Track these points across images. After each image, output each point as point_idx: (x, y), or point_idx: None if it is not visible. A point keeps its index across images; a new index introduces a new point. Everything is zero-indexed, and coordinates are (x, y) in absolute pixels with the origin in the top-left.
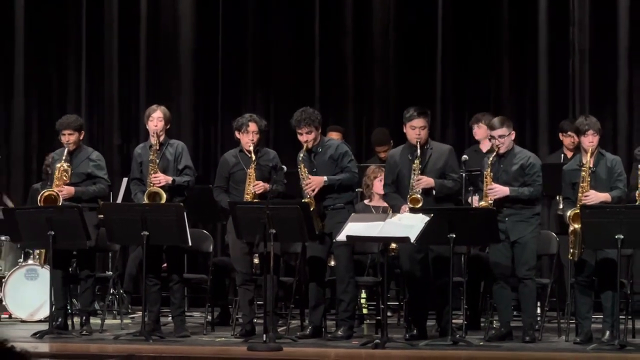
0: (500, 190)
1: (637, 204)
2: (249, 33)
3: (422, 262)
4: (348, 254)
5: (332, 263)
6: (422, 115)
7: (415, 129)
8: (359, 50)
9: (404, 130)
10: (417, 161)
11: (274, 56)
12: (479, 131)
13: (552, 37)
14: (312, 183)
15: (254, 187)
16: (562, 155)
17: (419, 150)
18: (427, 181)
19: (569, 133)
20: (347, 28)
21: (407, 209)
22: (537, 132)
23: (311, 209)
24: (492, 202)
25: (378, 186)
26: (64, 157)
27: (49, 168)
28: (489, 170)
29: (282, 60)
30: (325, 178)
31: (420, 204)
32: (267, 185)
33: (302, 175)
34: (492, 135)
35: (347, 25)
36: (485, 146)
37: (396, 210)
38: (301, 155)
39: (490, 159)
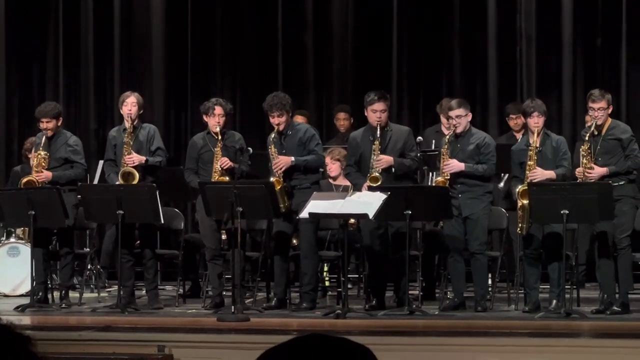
0: (456, 165)
1: (579, 181)
2: (216, 25)
3: (381, 237)
4: (312, 230)
5: (295, 242)
6: (383, 99)
7: (376, 112)
8: (318, 39)
9: (365, 114)
10: (377, 142)
11: (241, 46)
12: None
13: (500, 25)
14: (280, 162)
15: (220, 162)
16: (512, 137)
17: (379, 132)
18: (387, 160)
19: (513, 116)
20: (307, 17)
21: (367, 187)
22: (487, 115)
23: (278, 187)
24: (448, 177)
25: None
26: (41, 145)
27: (28, 152)
28: (446, 147)
29: (247, 50)
30: (292, 158)
31: (379, 182)
32: (232, 163)
33: (271, 155)
34: (449, 116)
35: (307, 15)
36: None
37: (358, 188)
38: (272, 136)
39: (448, 137)
